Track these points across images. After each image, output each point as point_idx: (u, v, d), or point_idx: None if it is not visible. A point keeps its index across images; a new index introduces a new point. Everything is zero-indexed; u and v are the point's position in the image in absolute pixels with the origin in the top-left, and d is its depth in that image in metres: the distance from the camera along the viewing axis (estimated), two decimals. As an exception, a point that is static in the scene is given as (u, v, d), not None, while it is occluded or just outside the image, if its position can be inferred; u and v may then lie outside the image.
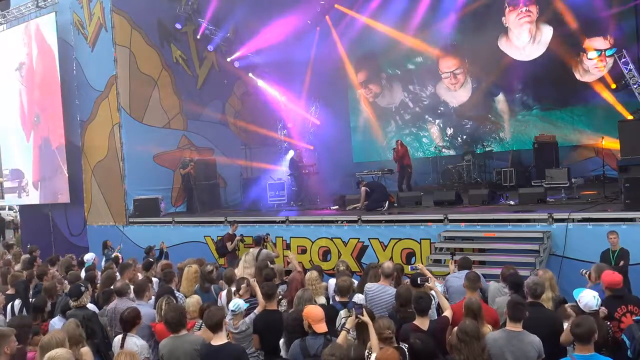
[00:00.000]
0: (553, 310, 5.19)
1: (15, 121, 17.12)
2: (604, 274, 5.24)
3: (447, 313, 5.06)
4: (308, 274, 6.56)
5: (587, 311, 4.48)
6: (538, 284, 5.06)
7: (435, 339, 4.56)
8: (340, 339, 4.42)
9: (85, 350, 4.67)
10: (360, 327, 4.57)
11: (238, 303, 5.45)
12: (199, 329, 5.28)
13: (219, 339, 4.54)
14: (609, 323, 4.71)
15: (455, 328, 4.40)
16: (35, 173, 16.59)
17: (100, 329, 5.77)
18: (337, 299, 5.66)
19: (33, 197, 16.80)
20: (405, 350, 4.22)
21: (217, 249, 11.31)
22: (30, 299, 7.05)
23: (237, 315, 5.38)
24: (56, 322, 5.67)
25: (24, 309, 6.78)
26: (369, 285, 5.92)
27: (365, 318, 4.49)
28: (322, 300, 6.04)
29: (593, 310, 4.51)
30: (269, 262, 8.19)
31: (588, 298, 4.55)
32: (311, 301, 5.29)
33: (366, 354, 4.30)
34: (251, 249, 9.51)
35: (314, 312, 4.56)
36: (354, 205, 11.89)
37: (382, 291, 5.78)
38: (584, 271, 6.03)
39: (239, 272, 8.21)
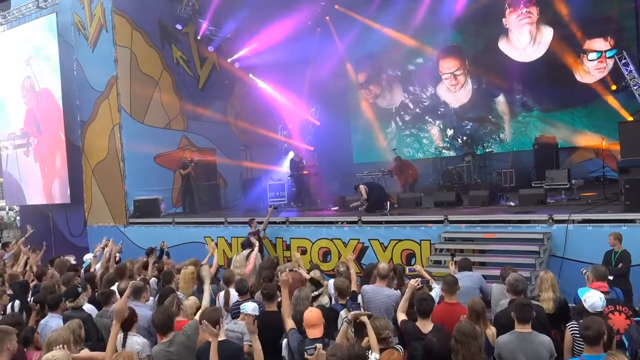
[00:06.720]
0: (553, 311, 5.21)
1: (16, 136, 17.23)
2: (593, 285, 5.24)
3: None
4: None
5: (592, 311, 4.46)
6: (519, 280, 5.15)
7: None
8: (341, 333, 4.43)
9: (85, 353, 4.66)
10: (359, 327, 4.57)
11: (254, 306, 5.44)
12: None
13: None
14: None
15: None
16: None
17: (95, 331, 5.70)
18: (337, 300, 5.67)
19: (34, 198, 16.82)
20: (401, 352, 4.23)
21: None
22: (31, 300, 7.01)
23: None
24: (48, 320, 5.60)
25: (24, 310, 6.75)
26: (365, 287, 5.91)
27: (363, 317, 4.49)
28: (325, 299, 6.04)
29: (598, 311, 4.48)
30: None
31: (594, 299, 4.53)
32: (309, 299, 5.28)
33: (366, 353, 4.29)
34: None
35: (308, 317, 4.56)
36: (356, 204, 11.85)
37: (378, 292, 5.76)
38: (584, 271, 6.02)
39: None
